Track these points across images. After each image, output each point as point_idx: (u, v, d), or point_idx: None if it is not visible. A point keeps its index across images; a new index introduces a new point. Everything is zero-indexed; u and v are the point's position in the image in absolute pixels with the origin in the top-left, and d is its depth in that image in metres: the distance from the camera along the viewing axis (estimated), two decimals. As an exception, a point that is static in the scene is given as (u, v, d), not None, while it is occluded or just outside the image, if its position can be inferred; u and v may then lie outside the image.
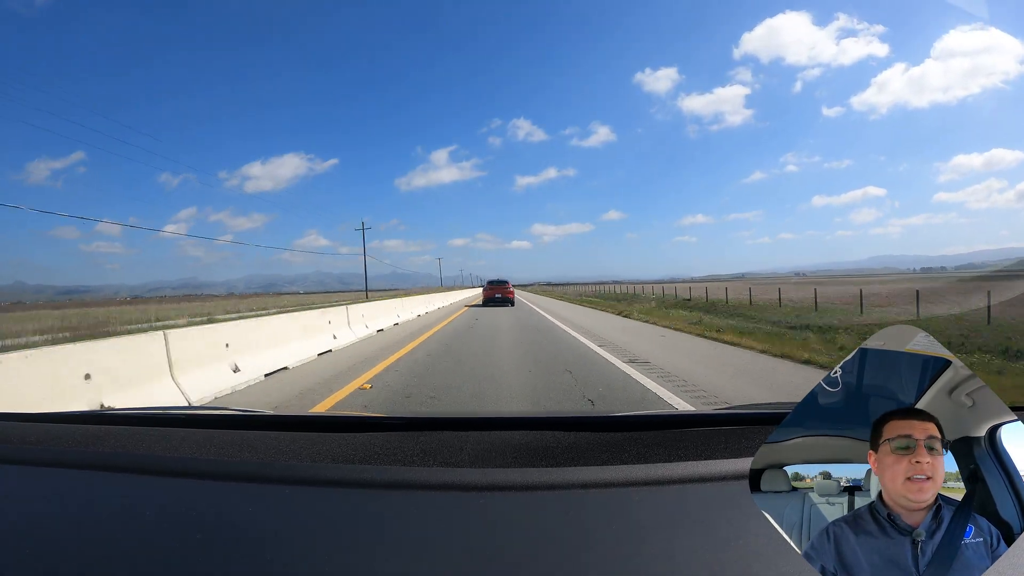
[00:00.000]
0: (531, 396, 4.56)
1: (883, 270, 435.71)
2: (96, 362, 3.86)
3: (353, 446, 0.84)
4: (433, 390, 4.93)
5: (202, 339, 5.23)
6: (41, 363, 3.54)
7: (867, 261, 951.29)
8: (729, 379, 5.42)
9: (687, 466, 0.71)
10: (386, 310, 13.07)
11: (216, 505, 0.69)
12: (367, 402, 4.68)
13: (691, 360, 6.66)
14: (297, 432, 0.94)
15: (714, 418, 0.94)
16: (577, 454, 0.78)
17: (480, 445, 0.81)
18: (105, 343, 4.27)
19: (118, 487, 0.75)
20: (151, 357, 4.48)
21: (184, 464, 0.78)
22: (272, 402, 4.84)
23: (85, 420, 1.06)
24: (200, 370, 4.94)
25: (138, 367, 4.30)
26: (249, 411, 1.14)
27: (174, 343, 4.72)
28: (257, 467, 0.77)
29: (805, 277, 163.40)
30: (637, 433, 0.86)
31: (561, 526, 0.61)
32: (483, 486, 0.68)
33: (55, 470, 0.80)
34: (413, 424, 0.94)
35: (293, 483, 0.72)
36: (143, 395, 4.16)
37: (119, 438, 0.93)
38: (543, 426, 0.90)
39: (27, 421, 1.06)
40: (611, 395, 4.59)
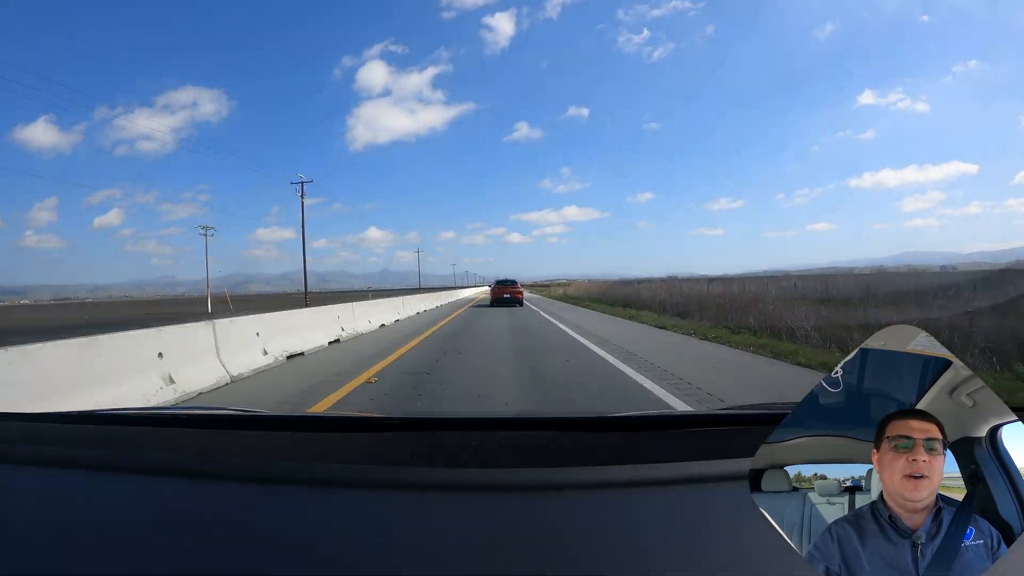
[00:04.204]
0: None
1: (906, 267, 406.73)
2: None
3: (353, 446, 0.84)
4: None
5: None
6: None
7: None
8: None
9: (687, 466, 0.71)
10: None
11: (216, 505, 0.69)
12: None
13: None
14: (297, 432, 0.94)
15: (714, 418, 0.94)
16: (577, 454, 0.78)
17: (480, 445, 0.81)
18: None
19: (118, 487, 0.75)
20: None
21: (184, 464, 0.78)
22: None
23: (85, 420, 1.06)
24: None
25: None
26: (249, 411, 1.14)
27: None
28: (257, 467, 0.77)
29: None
30: (637, 433, 0.86)
31: (561, 526, 0.61)
32: (483, 486, 0.68)
33: (55, 470, 0.80)
34: (413, 424, 0.94)
35: (293, 483, 0.72)
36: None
37: (119, 438, 0.93)
38: (543, 426, 0.90)
39: (27, 421, 1.06)
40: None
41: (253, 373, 6.09)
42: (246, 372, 5.98)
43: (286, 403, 4.63)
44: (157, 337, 4.92)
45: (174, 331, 5.22)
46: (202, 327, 5.71)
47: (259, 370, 6.24)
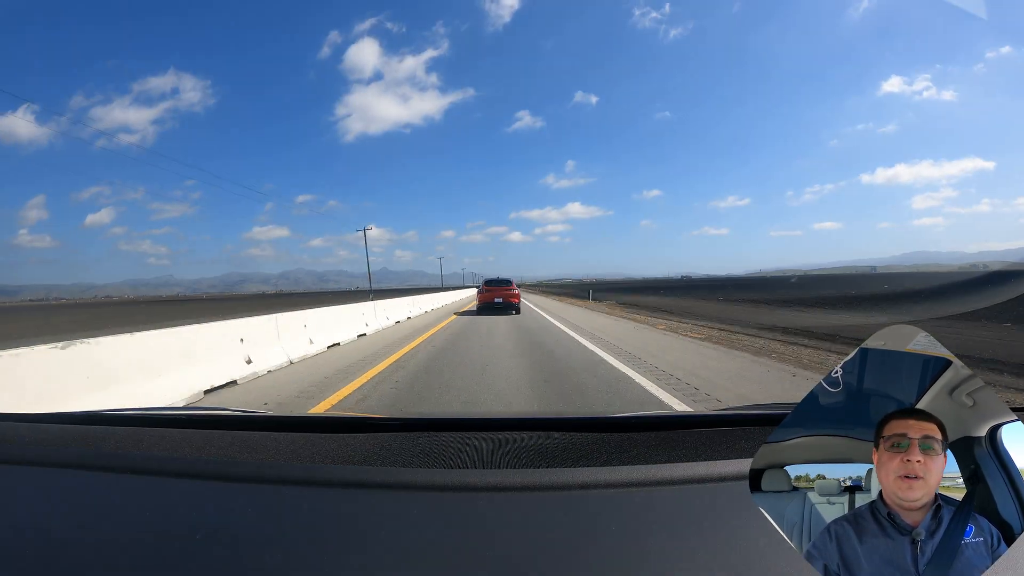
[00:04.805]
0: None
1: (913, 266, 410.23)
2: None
3: (353, 447, 0.84)
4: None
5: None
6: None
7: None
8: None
9: (687, 467, 0.71)
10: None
11: (216, 506, 0.69)
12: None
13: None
14: (297, 433, 0.94)
15: (714, 419, 0.94)
16: (577, 455, 0.78)
17: (480, 446, 0.81)
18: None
19: (118, 488, 0.75)
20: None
21: (184, 465, 0.78)
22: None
23: (85, 421, 1.06)
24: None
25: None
26: (248, 412, 1.14)
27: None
28: (256, 468, 0.77)
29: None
30: (637, 434, 0.86)
31: (561, 527, 0.61)
32: (483, 487, 0.68)
33: (55, 470, 0.80)
34: (413, 425, 0.94)
35: (293, 484, 0.72)
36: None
37: (119, 439, 0.93)
38: (543, 427, 0.90)
39: (27, 421, 1.06)
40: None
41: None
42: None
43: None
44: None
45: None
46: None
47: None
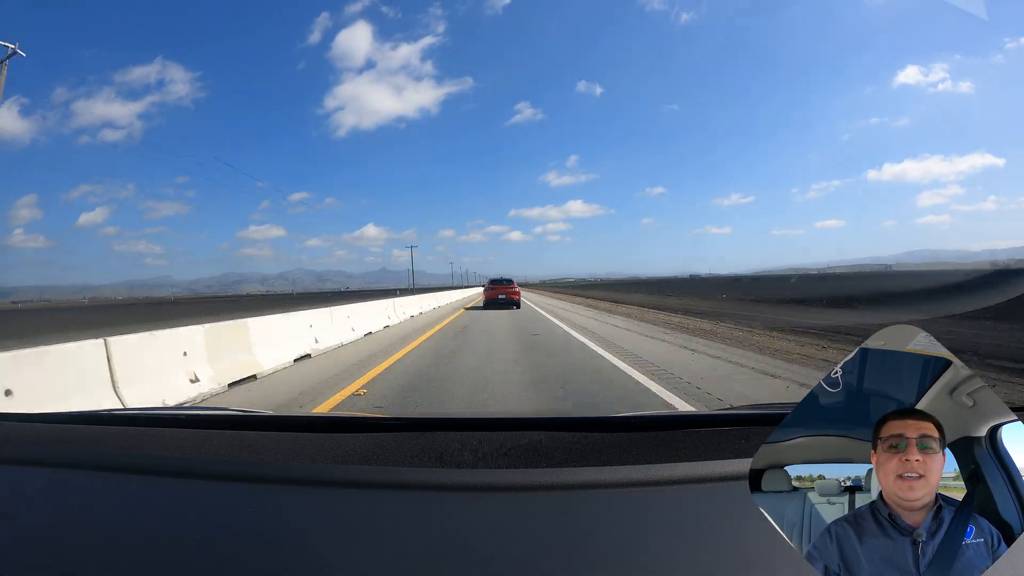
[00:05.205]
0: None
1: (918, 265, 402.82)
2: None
3: (353, 447, 0.84)
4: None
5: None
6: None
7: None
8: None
9: (687, 467, 0.71)
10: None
11: (216, 506, 0.69)
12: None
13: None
14: (297, 433, 0.94)
15: (714, 419, 0.94)
16: (577, 455, 0.78)
17: (480, 446, 0.81)
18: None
19: (118, 488, 0.75)
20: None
21: (184, 465, 0.78)
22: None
23: (85, 420, 1.06)
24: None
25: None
26: (248, 411, 1.14)
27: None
28: (257, 468, 0.77)
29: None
30: (637, 434, 0.86)
31: (561, 527, 0.61)
32: (483, 487, 0.68)
33: (55, 470, 0.80)
34: (413, 425, 0.94)
35: (293, 484, 0.72)
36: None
37: (119, 439, 0.93)
38: (543, 427, 0.90)
39: (27, 421, 1.06)
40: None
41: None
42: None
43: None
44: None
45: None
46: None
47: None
